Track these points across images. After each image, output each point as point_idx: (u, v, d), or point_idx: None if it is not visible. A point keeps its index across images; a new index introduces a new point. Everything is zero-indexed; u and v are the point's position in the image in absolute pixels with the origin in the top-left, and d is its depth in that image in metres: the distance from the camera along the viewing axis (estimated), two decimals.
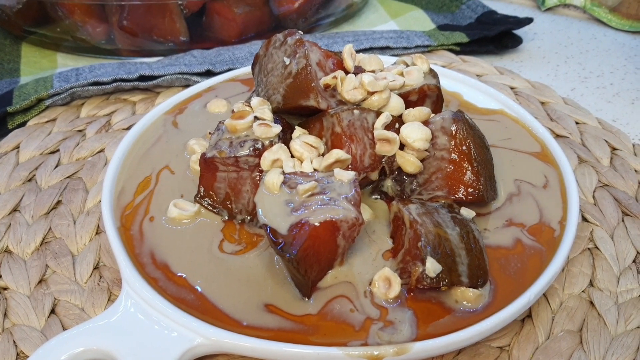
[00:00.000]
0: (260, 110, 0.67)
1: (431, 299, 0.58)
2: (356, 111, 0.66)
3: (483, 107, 0.82)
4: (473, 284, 0.58)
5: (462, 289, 0.58)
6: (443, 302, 0.58)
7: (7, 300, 0.64)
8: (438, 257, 0.58)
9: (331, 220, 0.57)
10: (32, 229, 0.72)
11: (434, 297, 0.58)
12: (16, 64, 1.06)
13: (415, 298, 0.58)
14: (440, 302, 0.58)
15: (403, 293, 0.59)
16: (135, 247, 0.64)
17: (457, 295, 0.58)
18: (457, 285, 0.58)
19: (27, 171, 0.80)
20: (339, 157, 0.63)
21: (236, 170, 0.65)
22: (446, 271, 0.57)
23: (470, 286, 0.58)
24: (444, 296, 0.58)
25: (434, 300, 0.58)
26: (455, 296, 0.58)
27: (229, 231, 0.66)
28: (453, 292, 0.58)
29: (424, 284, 0.57)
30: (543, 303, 0.63)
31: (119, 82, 0.93)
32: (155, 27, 1.03)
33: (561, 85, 0.99)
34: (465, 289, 0.58)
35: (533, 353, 0.59)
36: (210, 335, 0.55)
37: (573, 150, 0.82)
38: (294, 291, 0.59)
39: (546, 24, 1.18)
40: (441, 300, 0.58)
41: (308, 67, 0.65)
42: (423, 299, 0.58)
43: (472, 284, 0.58)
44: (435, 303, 0.58)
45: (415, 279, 0.57)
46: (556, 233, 0.65)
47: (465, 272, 0.58)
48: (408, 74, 0.70)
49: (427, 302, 0.58)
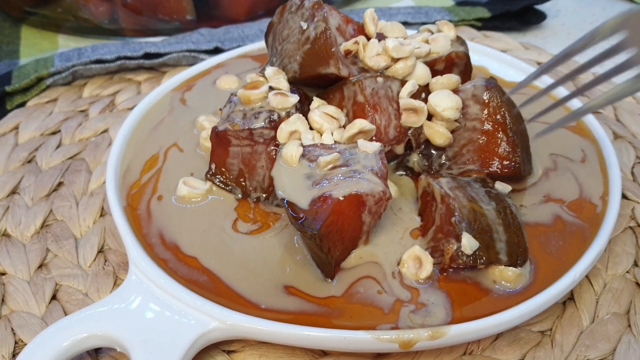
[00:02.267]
0: (276, 79, 0.62)
1: (466, 279, 0.54)
2: (380, 79, 0.61)
3: (511, 80, 0.77)
4: (512, 262, 0.53)
5: (500, 268, 0.53)
6: (479, 282, 0.53)
7: (4, 285, 0.60)
8: (474, 233, 0.53)
9: (356, 194, 0.53)
10: (32, 211, 0.67)
11: (469, 278, 0.54)
12: (15, 45, 1.01)
13: (448, 279, 0.54)
14: (477, 282, 0.53)
15: (435, 273, 0.54)
16: (143, 227, 0.59)
17: (495, 275, 0.53)
18: (495, 263, 0.53)
19: (26, 152, 0.76)
20: (363, 127, 0.58)
21: (250, 144, 0.60)
22: (483, 248, 0.52)
23: (509, 265, 0.53)
24: (481, 276, 0.54)
25: (469, 280, 0.54)
26: (492, 276, 0.53)
27: (243, 210, 0.61)
28: (490, 272, 0.53)
29: (459, 262, 0.52)
30: (585, 284, 0.58)
31: (123, 60, 0.88)
32: (160, 5, 0.98)
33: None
34: (503, 268, 0.53)
35: (578, 337, 0.54)
36: (226, 319, 0.50)
37: (608, 125, 0.77)
38: (315, 272, 0.55)
39: (570, 1, 1.13)
40: (477, 280, 0.54)
41: (327, 30, 0.60)
42: (457, 280, 0.54)
43: (512, 262, 0.53)
44: (470, 284, 0.53)
45: (450, 257, 0.53)
46: (598, 209, 0.60)
47: (504, 249, 0.53)
48: (434, 41, 0.65)
49: (462, 283, 0.53)
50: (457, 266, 0.53)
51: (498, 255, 0.53)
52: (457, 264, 0.52)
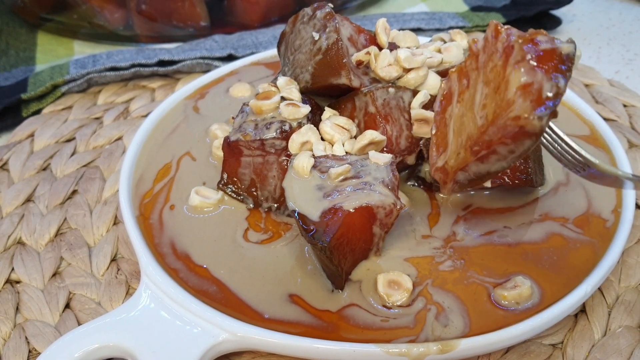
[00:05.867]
0: (288, 90, 0.62)
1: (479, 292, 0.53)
2: (391, 89, 0.61)
3: None
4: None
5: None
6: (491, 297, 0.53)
7: (19, 294, 0.60)
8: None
9: (367, 206, 0.53)
10: (47, 220, 0.68)
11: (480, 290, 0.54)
12: (32, 52, 1.02)
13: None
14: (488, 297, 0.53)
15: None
16: (155, 236, 0.59)
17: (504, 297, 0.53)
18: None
19: (41, 160, 0.76)
20: (374, 138, 0.58)
21: (262, 155, 0.60)
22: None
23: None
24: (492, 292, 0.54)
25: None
26: (502, 297, 0.53)
27: (255, 220, 0.61)
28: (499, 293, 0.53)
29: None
30: (598, 297, 0.58)
31: (138, 68, 0.89)
32: (175, 12, 0.99)
33: (604, 67, 0.93)
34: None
35: (589, 351, 0.54)
36: (237, 331, 0.50)
37: (622, 133, 0.76)
38: (325, 282, 0.55)
39: (585, 5, 1.12)
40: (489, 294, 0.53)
41: (339, 41, 0.60)
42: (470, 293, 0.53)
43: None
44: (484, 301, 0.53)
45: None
46: (608, 223, 0.59)
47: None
48: (446, 51, 0.65)
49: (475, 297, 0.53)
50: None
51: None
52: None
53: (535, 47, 0.44)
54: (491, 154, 0.48)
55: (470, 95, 0.51)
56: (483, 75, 0.49)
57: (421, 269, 0.56)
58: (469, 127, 0.50)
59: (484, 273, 0.55)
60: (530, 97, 0.44)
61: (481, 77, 0.49)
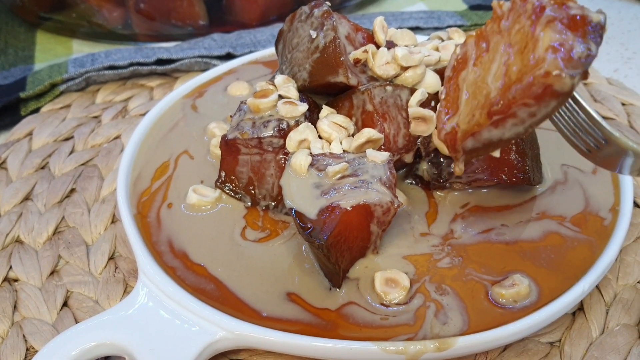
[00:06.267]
0: (285, 88, 0.62)
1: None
2: (389, 87, 0.61)
3: None
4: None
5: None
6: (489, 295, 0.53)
7: (17, 292, 0.60)
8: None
9: (364, 204, 0.53)
10: (45, 218, 0.68)
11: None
12: (30, 51, 1.02)
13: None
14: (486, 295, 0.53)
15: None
16: (153, 234, 0.59)
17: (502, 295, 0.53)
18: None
19: (40, 158, 0.76)
20: (371, 136, 0.58)
21: (259, 153, 0.60)
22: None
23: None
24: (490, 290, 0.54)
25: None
26: (500, 295, 0.53)
27: (252, 218, 0.61)
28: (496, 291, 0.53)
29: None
30: (596, 295, 0.58)
31: (136, 66, 0.88)
32: (174, 10, 0.99)
33: (603, 66, 0.93)
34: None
35: (587, 349, 0.54)
36: (234, 329, 0.50)
37: (621, 132, 0.76)
38: (322, 281, 0.55)
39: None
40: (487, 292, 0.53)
41: (336, 40, 0.60)
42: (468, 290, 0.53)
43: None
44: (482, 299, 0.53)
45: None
46: (606, 221, 0.59)
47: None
48: (444, 49, 0.65)
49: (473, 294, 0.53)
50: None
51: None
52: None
53: (567, 11, 0.43)
54: (509, 117, 0.46)
55: (489, 58, 0.49)
56: (507, 37, 0.47)
57: (419, 266, 0.56)
58: (486, 90, 0.48)
59: (482, 270, 0.55)
60: (562, 55, 0.42)
61: (504, 40, 0.48)
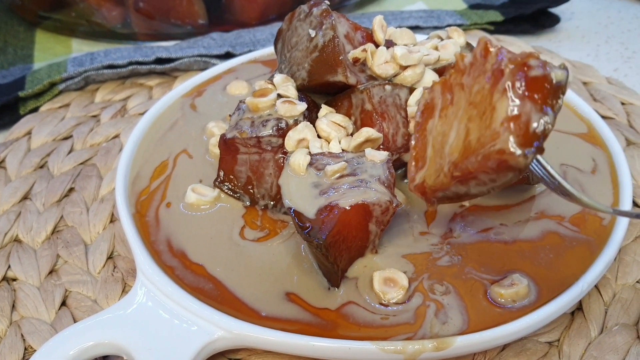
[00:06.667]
0: (284, 87, 0.62)
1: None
2: (388, 87, 0.60)
3: None
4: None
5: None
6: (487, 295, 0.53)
7: (15, 291, 0.60)
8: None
9: (363, 203, 0.53)
10: (43, 217, 0.68)
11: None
12: (30, 50, 1.02)
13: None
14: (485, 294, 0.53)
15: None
16: (151, 234, 0.59)
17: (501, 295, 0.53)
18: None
19: (38, 157, 0.76)
20: (370, 136, 0.58)
21: (258, 152, 0.60)
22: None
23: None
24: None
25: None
26: (498, 295, 0.53)
27: (251, 217, 0.61)
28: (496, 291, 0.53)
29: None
30: (594, 295, 0.58)
31: (135, 65, 0.88)
32: (173, 9, 0.99)
33: (603, 65, 0.93)
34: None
35: (585, 349, 0.54)
36: (232, 328, 0.50)
37: (620, 131, 0.76)
38: (321, 280, 0.55)
39: (584, 3, 1.12)
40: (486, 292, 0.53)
41: (335, 39, 0.60)
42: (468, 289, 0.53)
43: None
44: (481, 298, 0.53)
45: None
46: (605, 221, 0.59)
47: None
48: (443, 48, 0.65)
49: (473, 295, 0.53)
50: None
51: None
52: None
53: (526, 74, 0.43)
54: (472, 179, 0.47)
55: (453, 113, 0.49)
56: (469, 94, 0.48)
57: (418, 265, 0.56)
58: (449, 149, 0.49)
59: (481, 270, 0.55)
60: (517, 132, 0.42)
61: (466, 96, 0.48)
